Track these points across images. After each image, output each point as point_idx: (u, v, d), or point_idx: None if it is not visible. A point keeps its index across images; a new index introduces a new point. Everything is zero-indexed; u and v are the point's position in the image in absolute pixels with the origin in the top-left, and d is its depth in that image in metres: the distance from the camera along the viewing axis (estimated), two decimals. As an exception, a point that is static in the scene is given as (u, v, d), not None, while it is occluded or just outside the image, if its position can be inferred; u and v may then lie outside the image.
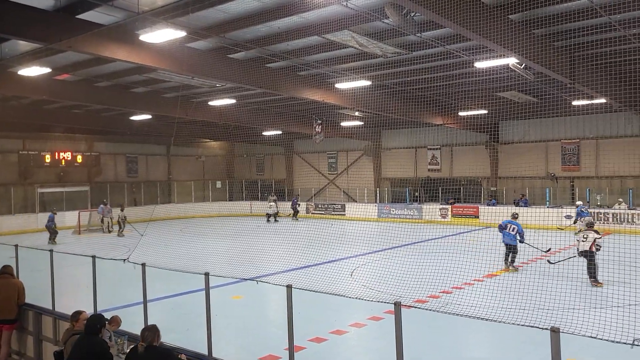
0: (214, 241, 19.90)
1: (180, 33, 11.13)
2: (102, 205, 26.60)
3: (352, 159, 35.51)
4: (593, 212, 22.26)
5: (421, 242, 18.82)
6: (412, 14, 10.86)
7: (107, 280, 11.63)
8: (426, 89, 21.16)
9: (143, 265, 6.91)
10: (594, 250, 11.94)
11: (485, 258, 13.39)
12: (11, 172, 29.09)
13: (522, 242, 13.76)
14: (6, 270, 8.22)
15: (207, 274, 6.06)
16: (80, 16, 11.13)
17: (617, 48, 14.65)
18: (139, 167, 36.03)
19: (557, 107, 22.46)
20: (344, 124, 28.29)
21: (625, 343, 3.72)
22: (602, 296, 9.37)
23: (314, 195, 34.68)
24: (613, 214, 21.65)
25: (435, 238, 20.04)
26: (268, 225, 28.39)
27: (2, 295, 7.95)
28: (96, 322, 5.54)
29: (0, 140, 28.60)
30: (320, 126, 25.92)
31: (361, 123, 27.88)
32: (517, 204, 25.47)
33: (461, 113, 24.95)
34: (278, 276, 12.38)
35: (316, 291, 6.20)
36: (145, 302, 6.77)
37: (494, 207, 25.73)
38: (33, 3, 10.51)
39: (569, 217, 22.38)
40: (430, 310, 7.40)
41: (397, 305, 4.54)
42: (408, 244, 18.06)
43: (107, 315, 6.18)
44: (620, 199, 22.97)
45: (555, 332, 3.67)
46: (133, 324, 6.71)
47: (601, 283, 11.56)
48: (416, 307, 9.00)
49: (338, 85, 18.15)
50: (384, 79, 18.56)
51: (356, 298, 6.66)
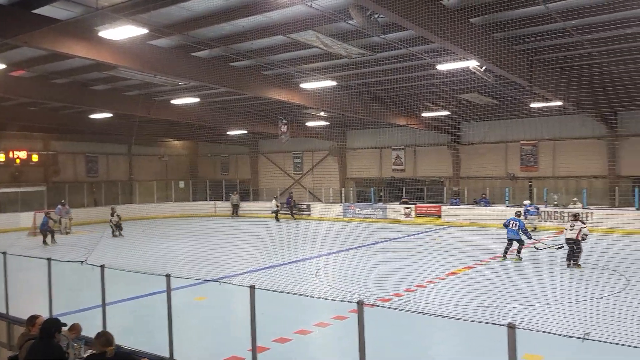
0: (178, 242, 19.60)
1: (141, 30, 10.91)
2: (60, 205, 25.82)
3: (318, 159, 35.58)
4: (550, 212, 23.01)
5: (385, 242, 19.02)
6: (376, 16, 10.97)
7: (65, 283, 11.29)
8: (390, 90, 21.40)
9: (102, 267, 6.75)
10: (580, 238, 13.24)
11: (447, 256, 13.67)
12: (-38, 172, 27.96)
13: (530, 238, 14.77)
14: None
15: (169, 276, 5.98)
16: (36, 11, 10.75)
17: (572, 53, 15.18)
18: (99, 167, 35.16)
19: (516, 109, 23.05)
20: (310, 124, 28.34)
21: (576, 337, 3.86)
22: (558, 292, 9.69)
23: (279, 195, 34.59)
24: (568, 213, 22.36)
25: (399, 237, 20.30)
26: (235, 224, 28.14)
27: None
28: (51, 326, 5.37)
29: (-50, 138, 27.45)
30: (285, 126, 25.88)
31: (326, 123, 27.99)
32: (478, 204, 26.07)
33: (424, 114, 25.36)
34: (242, 277, 12.29)
35: (280, 291, 6.20)
36: (104, 305, 6.62)
37: (457, 207, 26.25)
38: (-14, -4, 10.13)
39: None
40: (392, 308, 7.49)
41: (360, 304, 4.59)
42: (373, 244, 18.23)
43: (67, 320, 6.01)
44: (575, 199, 23.77)
45: (511, 329, 3.78)
46: (91, 328, 6.55)
47: (580, 265, 13.12)
48: (380, 306, 9.11)
49: (303, 85, 18.17)
50: (349, 80, 18.68)
51: (320, 298, 6.68)
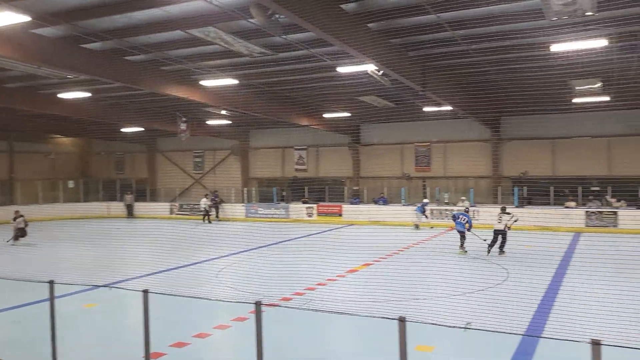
0: (66, 246, 18.29)
1: (23, 17, 10.03)
2: None
3: (219, 158, 34.95)
4: (441, 209, 24.46)
5: (288, 241, 19.14)
6: (277, 16, 10.99)
7: None
8: (292, 90, 21.56)
9: (-26, 275, 6.13)
10: (506, 229, 15.02)
11: (348, 254, 14.04)
12: None
13: (470, 232, 15.82)
14: None
15: (52, 282, 5.56)
16: None
17: (461, 61, 16.25)
18: (-25, 165, 31.87)
19: (411, 112, 24.26)
20: (211, 123, 27.74)
21: (459, 327, 4.14)
22: (447, 286, 10.33)
23: (179, 195, 33.50)
24: (457, 211, 23.92)
25: (301, 237, 20.52)
26: (130, 226, 26.79)
27: None
28: None
29: None
30: (185, 124, 25.11)
31: (228, 122, 27.57)
32: (377, 202, 27.07)
33: (326, 115, 25.85)
34: (138, 281, 11.75)
35: (176, 295, 6.00)
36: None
37: (357, 206, 27.07)
38: None
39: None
40: (292, 307, 7.55)
41: (258, 304, 4.57)
42: (275, 243, 18.26)
43: None
44: (463, 197, 25.51)
45: (401, 322, 3.96)
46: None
47: (504, 252, 14.97)
48: (280, 306, 9.14)
49: (203, 82, 17.73)
50: (251, 79, 18.54)
51: (218, 300, 6.56)
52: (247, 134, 33.56)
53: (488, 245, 15.00)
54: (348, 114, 25.27)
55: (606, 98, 19.94)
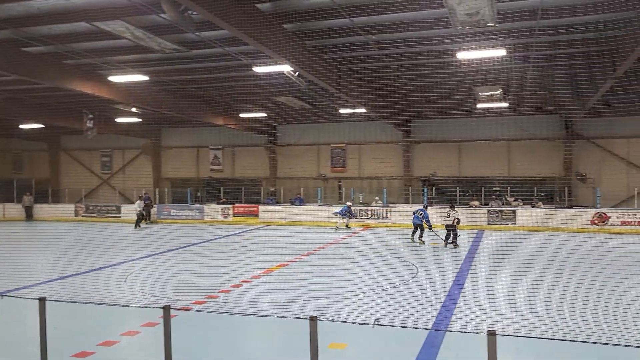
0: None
1: None
2: None
3: (129, 158, 33.48)
4: (355, 209, 25.03)
5: (202, 243, 18.70)
6: (190, 12, 10.72)
7: None
8: (207, 89, 21.13)
9: None
10: (455, 224, 16.48)
11: (263, 255, 13.98)
12: None
13: (430, 229, 17.26)
14: None
15: None
16: None
17: (373, 65, 16.75)
18: None
19: (327, 114, 24.65)
20: (120, 120, 26.49)
21: (367, 324, 4.26)
22: (359, 284, 10.59)
23: (85, 196, 31.66)
24: (372, 210, 24.65)
25: (216, 238, 20.13)
26: (29, 229, 24.91)
27: None
28: None
29: None
30: (92, 121, 23.77)
31: (139, 120, 26.47)
32: (293, 203, 27.19)
33: (242, 115, 25.59)
34: (36, 288, 10.93)
35: (78, 302, 5.66)
36: None
37: (273, 206, 27.01)
38: None
39: (336, 214, 24.77)
40: (203, 311, 7.39)
41: (167, 308, 4.42)
42: (188, 246, 17.78)
43: None
44: (377, 198, 26.30)
45: (313, 321, 4.00)
46: None
47: (458, 245, 16.34)
48: (192, 310, 8.91)
49: (112, 78, 16.93)
50: (163, 75, 17.96)
51: (125, 305, 6.27)
52: (159, 133, 32.42)
53: (444, 239, 16.74)
54: (264, 114, 25.19)
55: (505, 104, 21.41)
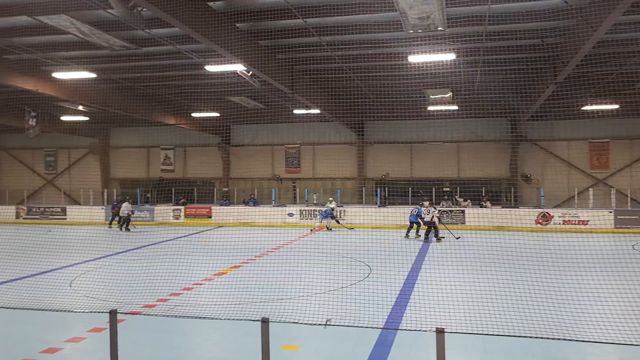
0: None
1: None
2: None
3: (76, 158, 32.31)
4: (310, 210, 25.09)
5: (152, 245, 18.26)
6: (139, 9, 10.44)
7: None
8: (158, 87, 20.67)
9: None
10: (435, 220, 17.87)
11: (216, 257, 13.78)
12: None
13: (424, 223, 18.32)
14: None
15: None
16: None
17: (327, 66, 16.85)
18: None
19: (282, 114, 24.59)
20: (65, 119, 25.50)
21: (319, 324, 4.26)
22: (312, 284, 10.61)
23: (27, 197, 30.31)
24: (325, 211, 24.72)
25: (167, 240, 19.72)
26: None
27: None
28: None
29: None
30: (34, 119, 22.76)
31: (86, 118, 25.57)
32: (247, 204, 26.96)
33: (194, 114, 25.17)
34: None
35: (19, 308, 5.39)
36: None
37: (226, 207, 26.69)
38: None
39: (291, 215, 24.78)
40: (152, 315, 7.21)
41: (112, 313, 4.28)
42: (138, 248, 17.32)
43: None
44: (330, 198, 26.42)
45: (264, 323, 3.97)
46: None
47: (440, 240, 17.75)
48: (142, 314, 8.68)
49: (56, 74, 16.28)
50: (112, 73, 17.44)
51: (70, 311, 6.03)
52: (108, 132, 31.44)
53: (425, 234, 18.26)
54: (217, 114, 24.86)
55: (455, 107, 21.99)
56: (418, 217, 19.01)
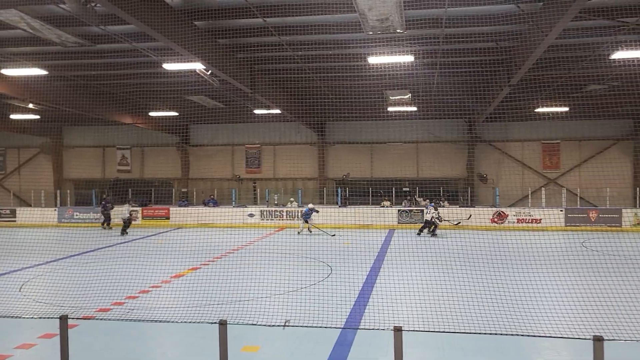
0: None
1: None
2: None
3: (26, 158, 31.12)
4: (271, 211, 24.97)
5: (108, 247, 17.77)
6: (93, 4, 10.13)
7: None
8: (114, 86, 20.13)
9: None
10: (431, 220, 19.46)
11: (174, 259, 13.53)
12: None
13: (440, 221, 19.97)
14: None
15: None
16: None
17: (288, 66, 16.81)
18: None
19: (242, 114, 24.38)
20: (15, 117, 24.49)
21: (278, 325, 4.24)
22: (273, 285, 10.56)
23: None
24: (286, 211, 24.70)
25: (124, 242, 19.24)
26: None
27: None
28: None
29: None
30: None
31: (37, 117, 24.64)
32: (207, 204, 26.60)
33: (152, 113, 24.64)
34: None
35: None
36: None
37: (185, 208, 26.25)
38: None
39: (252, 216, 24.61)
40: (107, 319, 7.01)
41: (63, 318, 4.14)
42: (93, 250, 16.82)
43: None
44: (292, 199, 26.39)
45: (222, 325, 3.92)
46: None
47: (436, 235, 19.26)
48: (95, 318, 8.43)
49: (5, 71, 15.62)
50: (65, 70, 16.87)
51: (18, 317, 5.79)
52: (61, 131, 30.41)
53: (420, 230, 19.80)
54: (175, 113, 24.42)
55: (414, 108, 22.34)
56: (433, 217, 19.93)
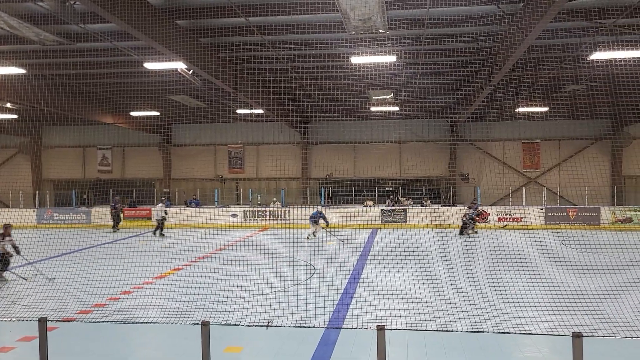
0: None
1: None
2: None
3: (4, 157, 30.57)
4: (254, 210, 24.88)
5: (89, 249, 17.54)
6: (72, 2, 10.00)
7: None
8: (94, 85, 19.88)
9: None
10: (466, 219, 20.00)
11: (156, 260, 13.41)
12: None
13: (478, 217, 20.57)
14: None
15: None
16: None
17: (270, 66, 16.76)
18: None
19: (225, 114, 24.24)
20: (-8, 117, 24.06)
21: (261, 326, 4.23)
22: (254, 285, 10.53)
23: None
24: (270, 211, 24.65)
25: (105, 243, 19.01)
26: None
27: None
28: None
29: None
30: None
31: (15, 116, 24.20)
32: (189, 205, 26.41)
33: (133, 113, 24.38)
34: None
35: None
36: None
37: (168, 208, 26.00)
38: None
39: (235, 216, 24.51)
40: (87, 321, 6.92)
41: (42, 321, 4.08)
42: (74, 252, 16.58)
43: None
44: (274, 199, 26.34)
45: (205, 326, 3.90)
46: None
47: (476, 233, 19.91)
48: (76, 320, 8.31)
49: (-19, 69, 15.33)
50: (44, 69, 16.61)
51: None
52: (40, 131, 29.92)
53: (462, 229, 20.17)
54: (157, 113, 24.20)
55: (396, 108, 22.45)
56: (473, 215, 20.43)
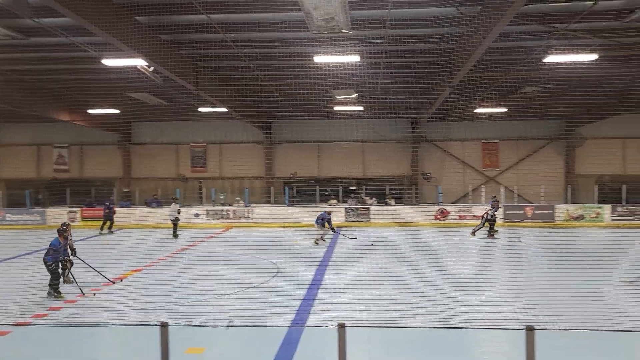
0: None
1: None
2: None
3: (-49, 156, 29.28)
4: (217, 210, 24.59)
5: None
6: (26, -5, 9.66)
7: None
8: (49, 81, 19.22)
9: None
10: (486, 217, 18.83)
11: (115, 261, 13.09)
12: None
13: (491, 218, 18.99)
14: None
15: None
16: None
17: (233, 64, 16.61)
18: None
19: (186, 112, 23.87)
20: (-60, 113, 22.99)
21: (221, 326, 4.20)
22: (216, 286, 10.42)
23: None
24: (233, 211, 24.42)
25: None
26: None
27: None
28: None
29: None
30: None
31: (-36, 113, 23.22)
32: (150, 205, 25.89)
33: (91, 110, 23.74)
34: None
35: None
36: None
37: (127, 209, 25.43)
38: None
39: (197, 216, 24.20)
40: (44, 325, 6.71)
41: (-8, 327, 3.91)
42: (27, 254, 16.00)
43: None
44: (238, 198, 26.13)
45: (164, 327, 3.84)
46: None
47: (496, 232, 18.88)
48: (31, 324, 8.05)
49: None
50: (-5, 64, 15.98)
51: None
52: (-9, 129, 28.79)
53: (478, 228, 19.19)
54: (116, 111, 23.62)
55: (360, 107, 22.61)
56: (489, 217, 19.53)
